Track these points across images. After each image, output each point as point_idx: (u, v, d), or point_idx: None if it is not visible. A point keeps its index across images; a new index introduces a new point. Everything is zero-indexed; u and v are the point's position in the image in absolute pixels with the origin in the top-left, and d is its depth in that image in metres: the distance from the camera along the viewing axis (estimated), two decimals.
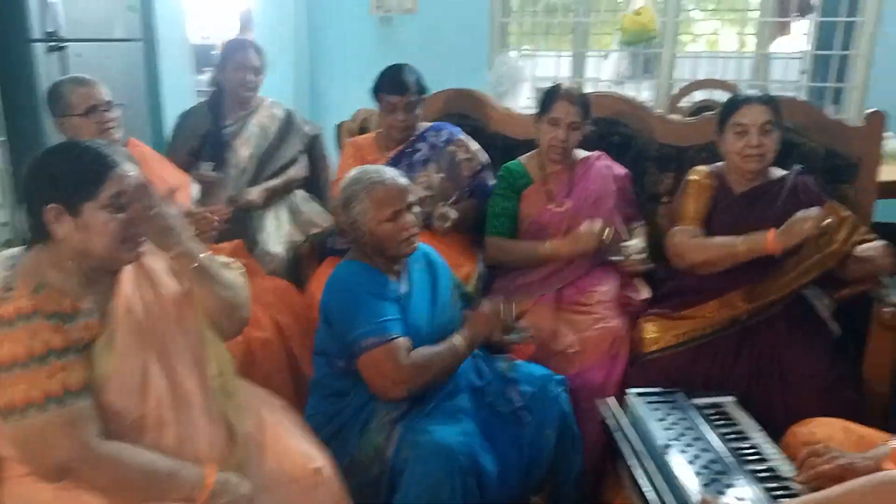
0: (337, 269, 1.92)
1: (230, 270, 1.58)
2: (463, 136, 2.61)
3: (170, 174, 2.29)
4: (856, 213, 2.26)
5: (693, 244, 2.15)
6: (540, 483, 1.90)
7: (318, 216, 2.86)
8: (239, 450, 1.48)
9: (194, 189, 2.35)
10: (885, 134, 2.38)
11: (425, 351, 1.76)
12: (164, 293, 1.47)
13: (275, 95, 2.95)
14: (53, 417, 1.27)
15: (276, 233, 2.68)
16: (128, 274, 1.45)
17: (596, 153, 2.48)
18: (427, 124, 2.64)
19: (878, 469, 1.41)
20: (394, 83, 2.49)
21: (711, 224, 2.20)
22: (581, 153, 2.48)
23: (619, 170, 2.47)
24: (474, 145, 2.62)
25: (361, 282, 1.82)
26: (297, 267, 2.61)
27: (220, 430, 1.47)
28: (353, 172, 1.91)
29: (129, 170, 1.38)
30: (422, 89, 2.54)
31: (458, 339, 1.80)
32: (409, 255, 1.90)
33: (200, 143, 2.68)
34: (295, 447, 1.56)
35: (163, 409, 1.39)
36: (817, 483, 1.46)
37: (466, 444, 1.67)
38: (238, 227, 2.48)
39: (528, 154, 2.52)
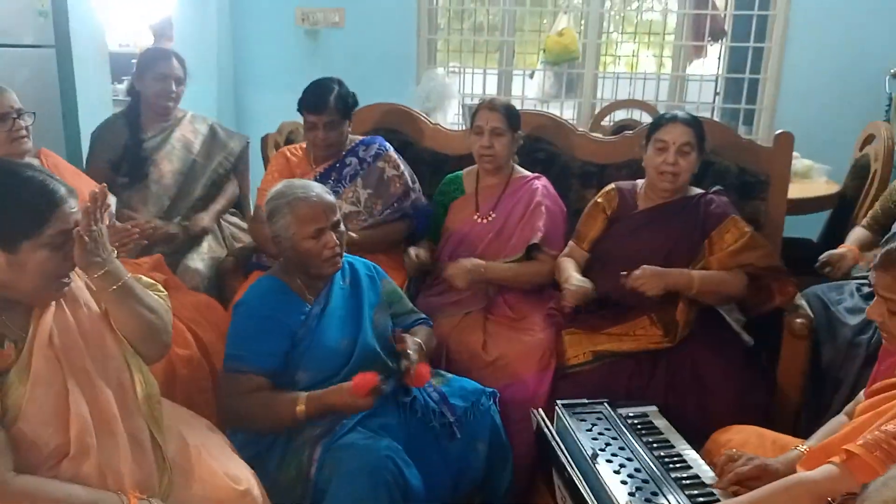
0: (254, 283, 1.91)
1: (154, 292, 1.53)
2: (392, 153, 2.59)
3: (86, 187, 2.19)
4: (767, 228, 2.39)
5: (559, 263, 2.34)
6: (470, 494, 1.90)
7: (241, 231, 2.81)
8: (165, 476, 1.43)
9: (112, 201, 2.26)
10: (793, 154, 2.52)
11: (260, 398, 1.75)
12: (85, 316, 1.41)
13: (198, 107, 2.87)
14: None
15: (197, 249, 2.60)
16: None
17: (535, 174, 2.51)
18: (358, 138, 2.62)
19: (791, 471, 1.49)
20: (314, 102, 2.42)
21: (611, 235, 2.30)
22: (520, 171, 2.51)
23: (551, 198, 2.46)
24: (403, 164, 2.60)
25: (263, 304, 1.83)
26: (220, 282, 2.54)
27: (145, 457, 1.41)
28: (279, 186, 1.89)
29: (73, 206, 1.32)
30: (345, 108, 2.46)
31: (301, 402, 1.73)
32: (331, 275, 1.88)
33: (120, 156, 2.58)
34: (220, 469, 1.51)
35: (85, 437, 1.32)
36: (735, 487, 1.52)
37: (391, 460, 1.65)
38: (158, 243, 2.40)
39: (471, 167, 2.55)
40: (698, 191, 2.28)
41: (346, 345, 1.86)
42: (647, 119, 3.64)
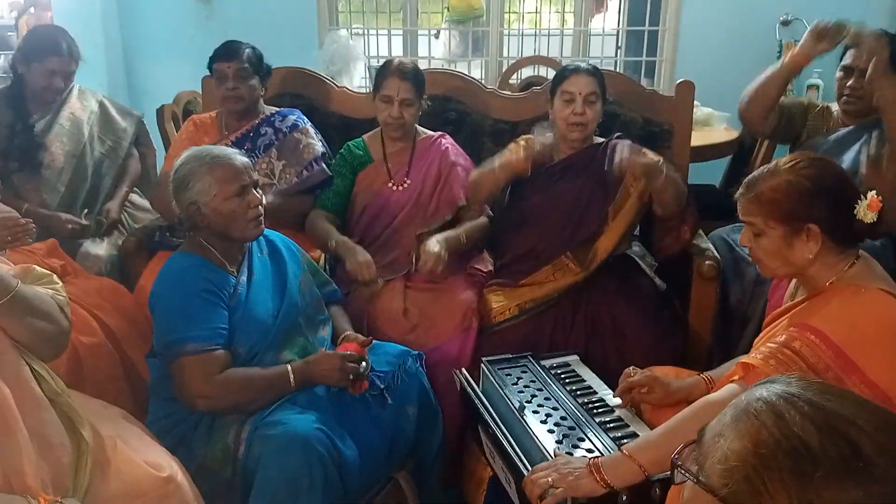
0: (168, 263, 1.79)
1: (47, 286, 1.42)
2: (310, 127, 2.53)
3: None
4: None
5: (474, 171, 2.33)
6: (403, 460, 1.89)
7: (141, 210, 2.67)
8: (82, 473, 1.35)
9: None
10: (694, 103, 2.59)
11: (246, 372, 1.69)
12: None
13: (87, 81, 2.69)
14: None
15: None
16: None
17: (438, 133, 2.49)
18: (273, 109, 2.53)
19: (687, 394, 1.63)
20: (224, 50, 2.39)
21: (527, 188, 2.31)
22: (423, 132, 2.48)
23: (462, 155, 2.46)
24: (319, 138, 2.53)
25: (194, 280, 1.70)
26: (123, 265, 2.41)
27: (53, 454, 1.33)
28: (189, 151, 1.79)
29: None
30: (258, 62, 2.43)
31: (291, 372, 1.70)
32: (256, 237, 1.81)
33: (6, 141, 2.39)
34: (139, 458, 1.44)
35: None
36: (630, 395, 1.68)
37: (323, 432, 1.61)
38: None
39: (372, 132, 2.49)
40: (602, 140, 2.33)
41: (281, 314, 1.81)
42: (553, 76, 3.66)
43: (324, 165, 2.47)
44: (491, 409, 1.70)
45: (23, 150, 2.40)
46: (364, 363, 1.75)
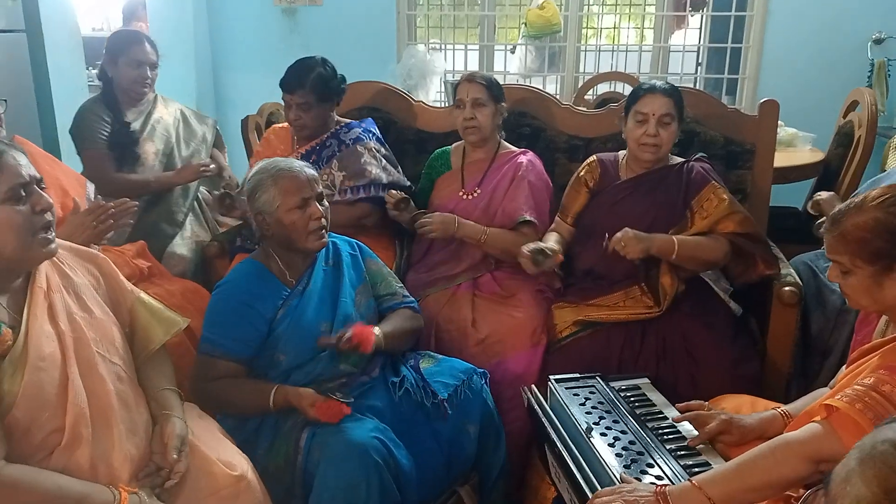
0: (235, 267, 1.90)
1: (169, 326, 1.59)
2: (373, 142, 2.52)
3: (63, 173, 2.14)
4: (754, 197, 2.39)
5: (544, 238, 2.30)
6: (465, 475, 1.89)
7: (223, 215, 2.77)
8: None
9: (90, 188, 2.21)
10: (778, 123, 2.51)
11: (232, 385, 1.75)
12: (93, 305, 1.41)
13: (177, 90, 2.83)
14: None
15: (181, 234, 2.57)
16: (45, 279, 1.36)
17: (521, 150, 2.48)
18: (344, 121, 2.57)
19: (763, 429, 1.57)
20: (289, 81, 2.39)
21: (595, 207, 2.29)
22: (507, 146, 2.48)
23: (536, 173, 2.43)
24: (383, 153, 2.53)
25: (245, 288, 1.81)
26: (206, 267, 2.51)
27: (141, 447, 1.40)
28: (260, 163, 1.87)
29: (19, 158, 1.29)
30: (324, 90, 2.40)
31: (273, 395, 1.70)
32: (318, 249, 1.85)
33: (108, 138, 2.53)
34: (214, 456, 1.49)
35: (80, 427, 1.30)
36: (709, 440, 1.61)
37: (381, 441, 1.63)
38: (141, 230, 2.37)
39: (458, 143, 2.52)
40: (680, 160, 2.27)
41: (325, 327, 1.83)
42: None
43: (382, 183, 2.45)
44: (558, 429, 1.68)
45: (123, 147, 2.53)
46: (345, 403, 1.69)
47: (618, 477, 1.48)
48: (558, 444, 1.63)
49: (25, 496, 1.23)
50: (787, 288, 2.09)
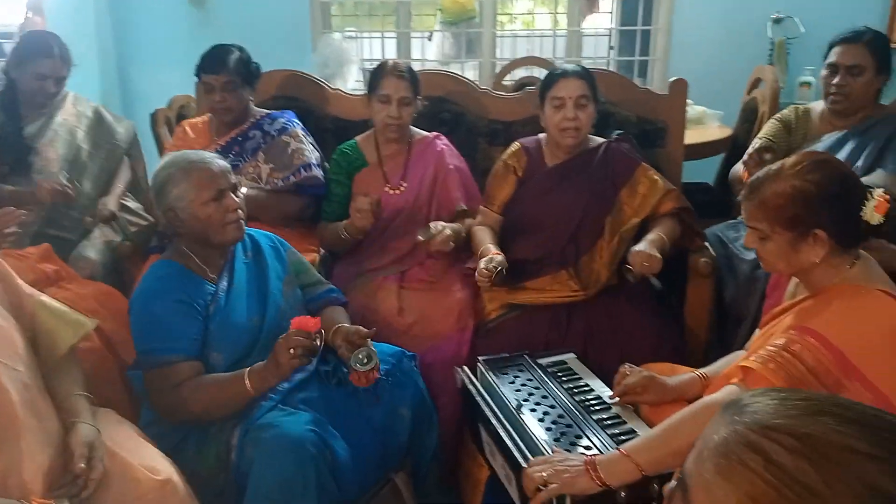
0: (148, 272, 1.80)
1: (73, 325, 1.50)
2: (300, 130, 2.50)
3: None
4: (668, 174, 2.45)
5: (473, 232, 2.30)
6: (399, 461, 1.89)
7: (135, 215, 2.67)
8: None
9: None
10: (687, 101, 2.59)
11: (206, 381, 1.67)
12: None
13: (80, 88, 2.69)
14: None
15: (89, 236, 2.46)
16: None
17: (433, 134, 2.48)
18: (264, 112, 2.52)
19: (683, 391, 1.64)
20: (210, 61, 2.37)
21: (523, 196, 2.29)
22: (418, 133, 2.47)
23: (457, 157, 2.47)
24: (309, 142, 2.50)
25: (168, 289, 1.71)
26: (118, 268, 2.41)
27: (54, 457, 1.33)
28: (167, 157, 1.79)
29: None
30: (246, 72, 2.40)
31: (247, 376, 1.65)
32: (236, 241, 1.80)
33: None
34: (136, 461, 1.43)
35: None
36: (629, 397, 1.68)
37: (316, 433, 1.60)
38: (48, 234, 2.26)
39: (365, 134, 2.49)
40: (600, 140, 2.31)
41: (256, 321, 1.79)
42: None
43: (316, 171, 2.44)
44: (487, 410, 1.70)
45: (13, 154, 2.39)
46: (317, 338, 1.64)
47: (549, 451, 1.50)
48: (492, 419, 1.64)
49: None
50: (702, 259, 2.17)
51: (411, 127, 2.46)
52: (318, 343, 1.64)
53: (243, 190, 1.91)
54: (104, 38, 4.11)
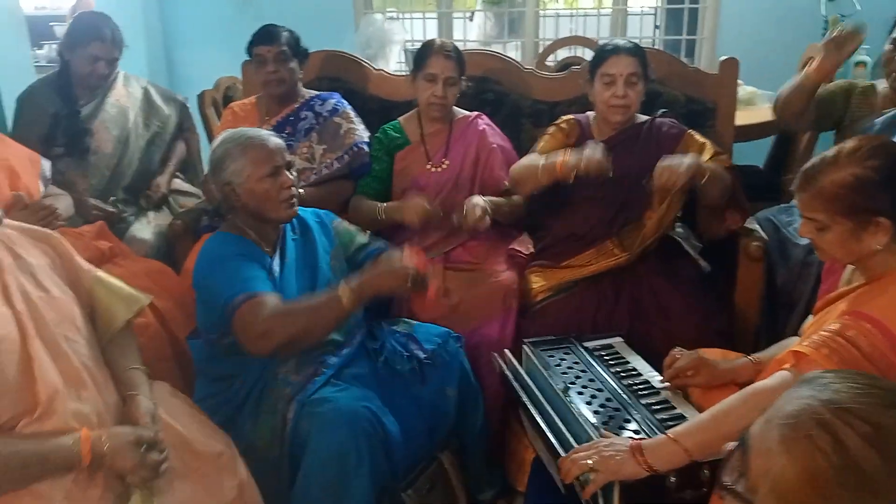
0: (206, 242, 1.83)
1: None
2: (350, 110, 2.52)
3: (14, 154, 2.07)
4: None
5: (517, 164, 2.26)
6: (445, 440, 1.90)
7: (186, 195, 2.71)
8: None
9: (45, 167, 2.14)
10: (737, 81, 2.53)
11: (297, 302, 1.67)
12: (46, 284, 1.37)
13: (128, 69, 2.72)
14: None
15: (143, 217, 2.51)
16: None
17: (475, 113, 2.47)
18: (313, 92, 2.54)
19: (735, 376, 1.61)
20: (263, 34, 2.42)
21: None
22: (460, 112, 2.47)
23: (499, 136, 2.46)
24: (359, 121, 2.52)
25: (232, 249, 1.73)
26: (169, 248, 2.45)
27: (114, 425, 1.37)
28: (224, 134, 1.81)
29: None
30: (297, 45, 2.45)
31: (342, 290, 1.64)
32: (290, 218, 1.82)
33: (51, 127, 2.43)
34: (191, 434, 1.47)
35: (55, 403, 1.27)
36: (679, 381, 1.65)
37: (368, 409, 1.63)
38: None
39: (408, 114, 2.49)
40: (645, 117, 2.28)
41: (317, 289, 1.81)
42: (590, 56, 3.61)
43: (366, 149, 2.46)
44: (534, 391, 1.69)
45: (69, 136, 2.44)
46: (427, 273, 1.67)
47: (597, 434, 1.49)
48: (531, 406, 1.64)
49: None
50: (753, 243, 2.13)
51: (454, 107, 2.45)
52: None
53: (301, 191, 1.93)
54: (151, 21, 4.17)
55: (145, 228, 2.48)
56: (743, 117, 2.92)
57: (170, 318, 2.06)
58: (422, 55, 2.34)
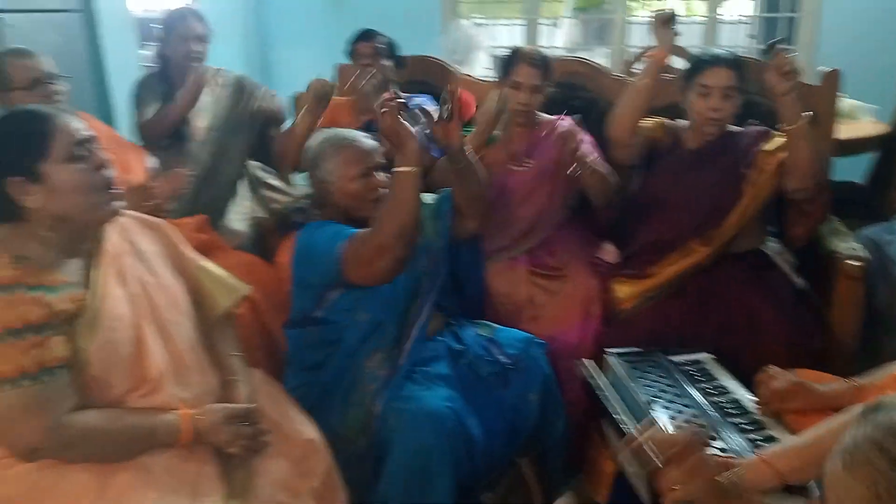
0: (303, 230, 1.87)
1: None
2: (433, 109, 2.55)
3: (122, 146, 2.19)
4: None
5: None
6: (525, 446, 1.90)
7: (277, 192, 2.78)
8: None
9: (151, 160, 2.25)
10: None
11: (387, 205, 1.68)
12: (156, 269, 1.44)
13: (225, 66, 2.83)
14: (25, 394, 1.21)
15: (238, 210, 2.60)
16: (113, 244, 1.40)
17: (559, 116, 2.47)
18: (406, 95, 2.59)
19: (836, 401, 1.52)
20: (363, 33, 2.62)
21: (659, 176, 2.25)
22: (543, 115, 2.46)
23: (584, 135, 2.45)
24: None
25: (329, 225, 1.80)
26: (261, 242, 2.53)
27: (211, 383, 1.45)
28: (321, 133, 1.88)
29: (72, 119, 1.32)
30: (392, 46, 2.62)
31: (403, 168, 1.63)
32: None
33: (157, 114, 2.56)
34: (283, 420, 1.52)
35: (163, 381, 1.35)
36: (775, 405, 1.58)
37: (452, 409, 1.65)
38: (200, 203, 2.40)
39: None
40: (737, 129, 2.24)
41: (403, 280, 1.81)
42: (679, 65, 3.54)
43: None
44: (619, 402, 1.67)
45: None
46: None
47: None
48: (619, 416, 1.61)
49: (94, 444, 1.27)
50: (853, 262, 2.04)
51: (539, 113, 2.45)
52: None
53: None
54: (249, 20, 4.33)
55: (239, 221, 2.56)
56: (843, 131, 2.80)
57: (262, 309, 2.13)
58: (509, 63, 2.36)
